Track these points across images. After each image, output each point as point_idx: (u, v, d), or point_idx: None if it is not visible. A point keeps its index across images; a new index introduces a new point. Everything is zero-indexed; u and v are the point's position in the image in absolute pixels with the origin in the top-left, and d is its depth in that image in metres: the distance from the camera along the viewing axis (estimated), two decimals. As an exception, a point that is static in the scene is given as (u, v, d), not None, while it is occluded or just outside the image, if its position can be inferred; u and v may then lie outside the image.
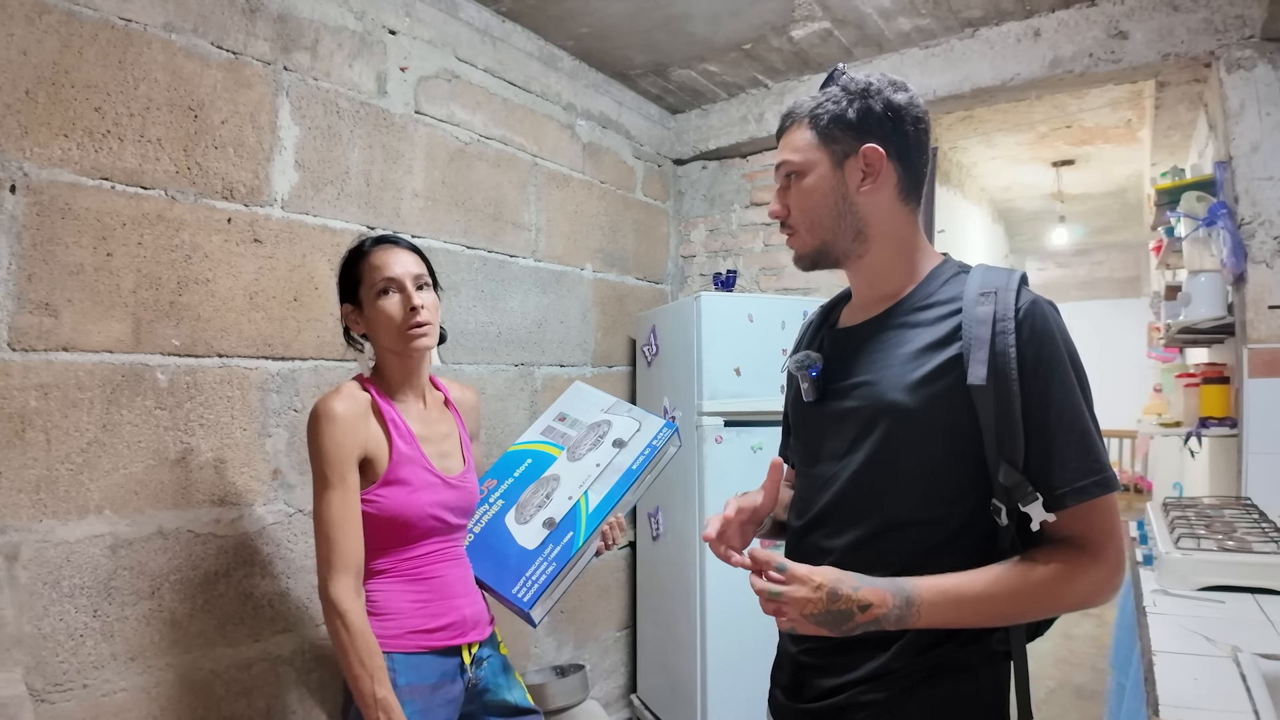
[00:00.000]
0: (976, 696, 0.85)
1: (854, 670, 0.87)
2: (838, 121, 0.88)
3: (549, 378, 2.43)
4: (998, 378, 0.78)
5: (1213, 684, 0.93)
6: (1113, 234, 6.04)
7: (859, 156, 0.88)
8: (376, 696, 1.12)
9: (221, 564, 1.55)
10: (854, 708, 0.86)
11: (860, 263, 0.93)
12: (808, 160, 0.90)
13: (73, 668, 1.33)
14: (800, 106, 0.92)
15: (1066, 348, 0.81)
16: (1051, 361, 0.80)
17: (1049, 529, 0.80)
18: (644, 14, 2.21)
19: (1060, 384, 0.80)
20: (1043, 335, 0.80)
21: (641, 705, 2.64)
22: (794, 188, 0.92)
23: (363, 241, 1.32)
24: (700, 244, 3.04)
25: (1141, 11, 2.04)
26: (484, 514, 1.46)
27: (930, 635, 0.83)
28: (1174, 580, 1.31)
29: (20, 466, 1.29)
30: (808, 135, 0.90)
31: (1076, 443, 0.79)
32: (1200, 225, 2.02)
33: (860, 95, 0.88)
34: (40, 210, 1.33)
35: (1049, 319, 0.81)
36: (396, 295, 1.26)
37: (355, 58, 1.84)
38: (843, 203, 0.90)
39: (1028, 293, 0.84)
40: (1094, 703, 2.80)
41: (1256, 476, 1.83)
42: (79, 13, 1.37)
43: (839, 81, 0.91)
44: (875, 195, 0.89)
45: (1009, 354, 0.79)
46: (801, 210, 0.92)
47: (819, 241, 0.92)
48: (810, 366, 0.94)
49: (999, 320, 0.80)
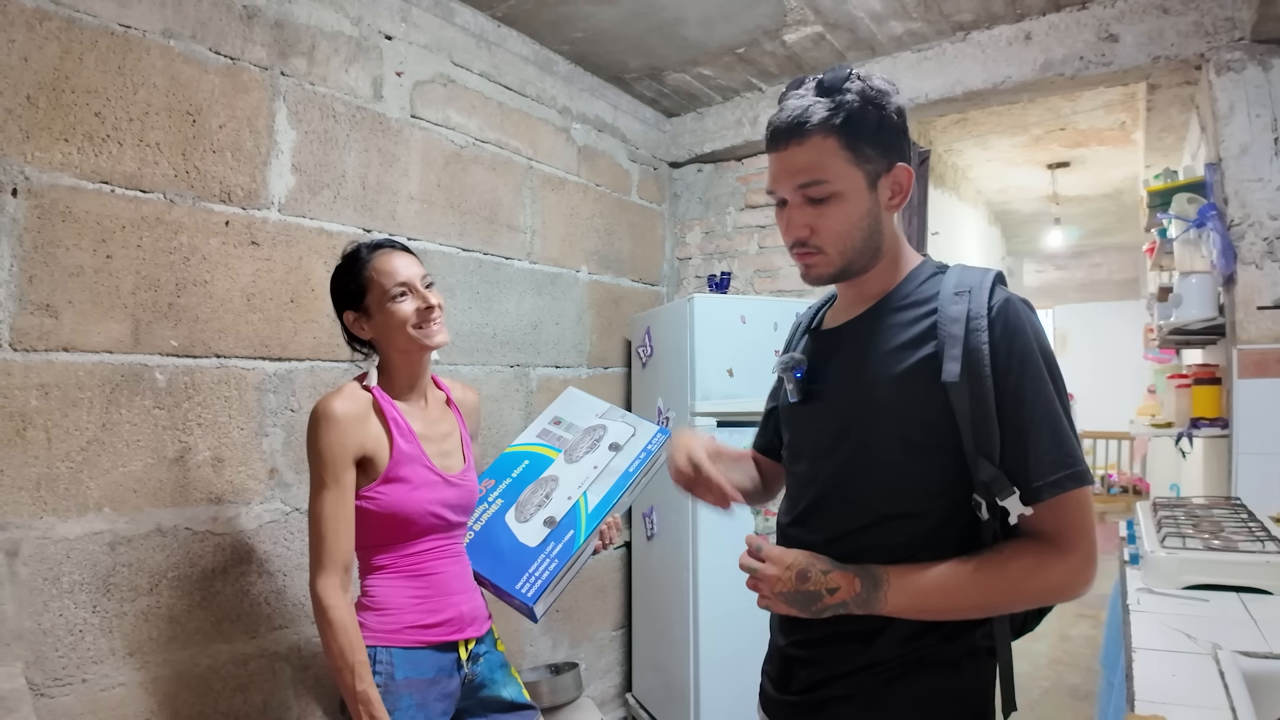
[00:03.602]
0: (958, 691, 0.86)
1: (839, 664, 0.88)
2: (867, 136, 0.84)
3: (544, 379, 2.44)
4: (971, 374, 0.80)
5: (1191, 680, 0.94)
6: (1109, 236, 6.05)
7: (891, 176, 0.86)
8: (357, 690, 1.14)
9: (219, 561, 1.57)
10: (838, 700, 0.88)
11: (864, 275, 0.92)
12: (844, 184, 0.84)
13: (72, 663, 1.35)
14: (811, 112, 0.83)
15: (1039, 343, 0.82)
16: (1024, 357, 0.81)
17: (1025, 523, 0.81)
18: (638, 18, 2.23)
19: (1033, 379, 0.81)
20: (1015, 332, 0.81)
21: (636, 704, 2.65)
22: (824, 212, 0.85)
23: (359, 249, 1.33)
24: (695, 246, 3.06)
25: (1132, 14, 2.05)
26: (483, 513, 1.49)
27: (912, 628, 0.84)
28: (1159, 579, 1.32)
29: (21, 464, 1.31)
30: (834, 147, 0.83)
31: (1049, 436, 0.80)
32: (1190, 227, 2.04)
33: (879, 105, 0.84)
34: (41, 213, 1.35)
35: (1021, 316, 0.82)
36: (410, 297, 1.29)
37: (351, 63, 1.87)
38: (875, 224, 0.87)
39: (1001, 291, 0.85)
40: (1088, 703, 2.80)
41: (1246, 477, 1.84)
42: (79, 19, 1.39)
43: (852, 87, 0.84)
44: (892, 213, 0.89)
45: (982, 350, 0.80)
46: (834, 233, 0.86)
47: (846, 263, 0.88)
48: (795, 368, 0.95)
49: (972, 318, 0.81)
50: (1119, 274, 7.54)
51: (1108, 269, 7.48)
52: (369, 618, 1.24)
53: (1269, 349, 1.83)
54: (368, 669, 1.17)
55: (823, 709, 0.90)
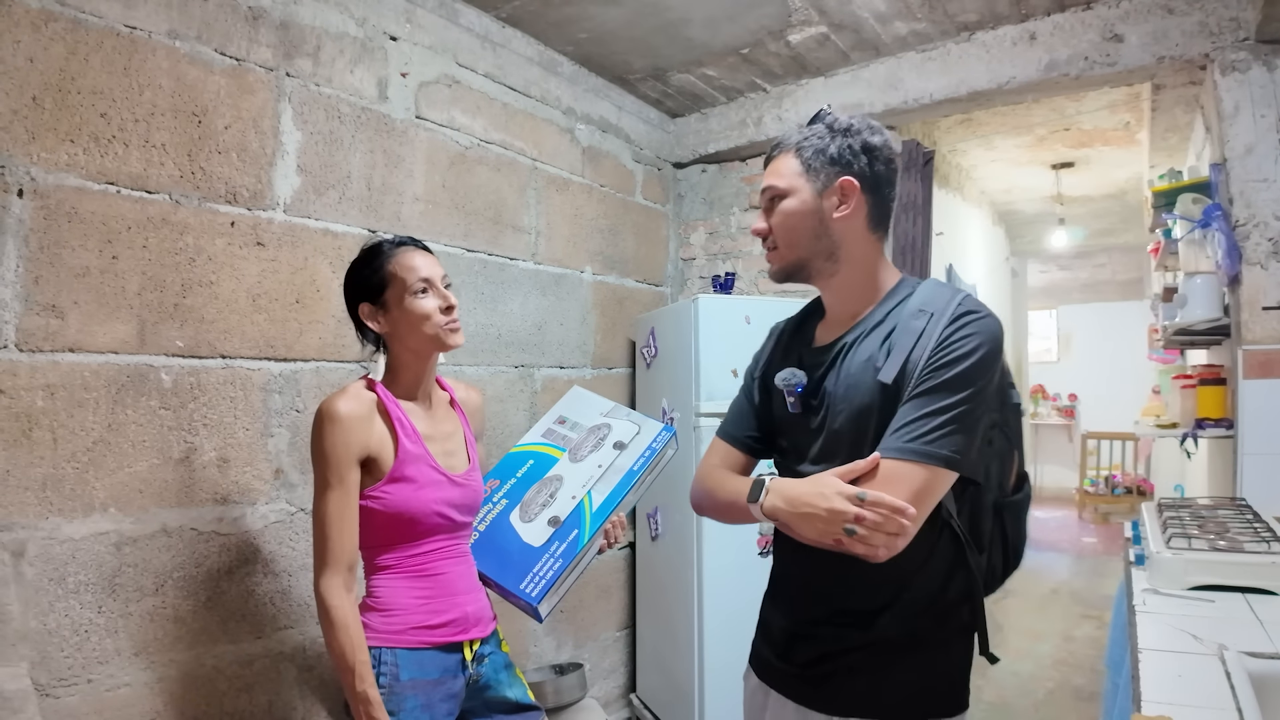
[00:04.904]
0: (947, 667, 0.99)
1: (841, 641, 0.99)
2: (820, 155, 1.01)
3: (549, 379, 2.45)
4: (904, 376, 0.92)
5: (1197, 681, 0.94)
6: (1114, 236, 6.04)
7: (837, 187, 1.01)
8: (357, 691, 1.15)
9: (224, 562, 1.57)
10: (840, 675, 0.99)
11: (832, 281, 1.06)
12: (791, 185, 1.02)
13: (77, 663, 1.35)
14: (788, 139, 1.04)
15: (974, 363, 0.91)
16: (947, 365, 0.91)
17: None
18: (642, 19, 2.23)
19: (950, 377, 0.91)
20: (953, 351, 0.92)
21: (641, 704, 2.65)
22: (777, 209, 1.04)
23: (381, 243, 1.33)
24: (700, 247, 3.06)
25: (1136, 15, 2.05)
26: (488, 513, 1.49)
27: (911, 609, 0.96)
28: (1165, 580, 1.32)
29: (27, 465, 1.31)
30: (793, 163, 1.02)
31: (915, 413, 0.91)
32: (1195, 227, 2.03)
33: (842, 134, 1.01)
34: (47, 214, 1.35)
35: (971, 339, 0.92)
36: (432, 294, 1.29)
37: (356, 63, 1.87)
38: (819, 225, 1.02)
39: (964, 319, 0.93)
40: (1092, 704, 2.80)
41: (1251, 477, 1.84)
42: (85, 20, 1.40)
43: (824, 120, 1.03)
44: (848, 222, 1.01)
45: (918, 362, 0.92)
46: (783, 229, 1.04)
47: (795, 257, 1.04)
48: (796, 384, 1.05)
49: (924, 334, 0.93)
50: (1123, 274, 7.53)
51: (1112, 269, 7.47)
52: (374, 618, 1.24)
53: (1274, 349, 1.82)
54: (369, 669, 1.17)
55: (826, 681, 1.00)
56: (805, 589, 1.05)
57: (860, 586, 0.97)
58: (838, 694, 0.98)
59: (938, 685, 0.98)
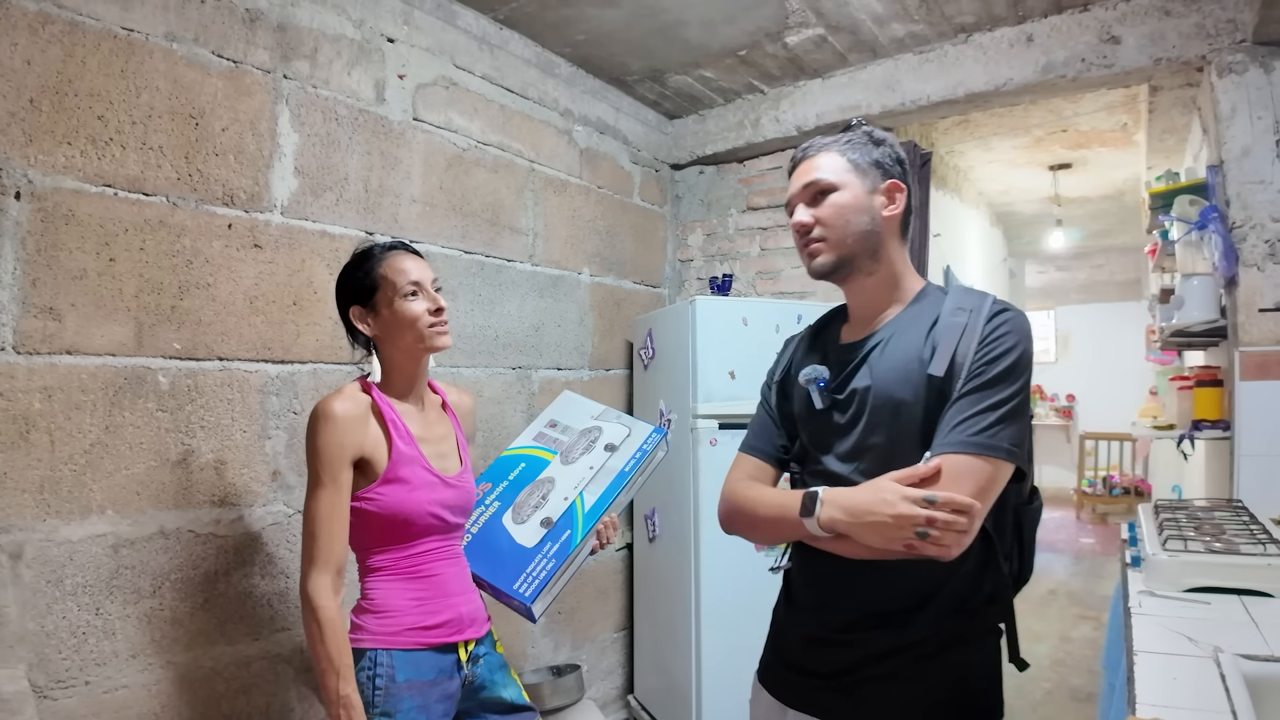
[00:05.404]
0: (980, 664, 0.99)
1: (875, 645, 0.97)
2: (866, 156, 1.04)
3: (546, 381, 2.45)
4: (953, 370, 0.93)
5: (1192, 683, 0.94)
6: (1112, 237, 6.05)
7: (884, 188, 1.04)
8: (340, 693, 1.14)
9: (222, 563, 1.57)
10: (875, 680, 0.97)
11: (867, 281, 1.05)
12: (841, 180, 1.03)
13: (75, 665, 1.35)
14: (824, 140, 1.06)
15: (1019, 357, 0.93)
16: (997, 359, 0.93)
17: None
18: (640, 21, 2.24)
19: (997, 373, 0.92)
20: (999, 346, 0.93)
21: (638, 706, 2.65)
22: (826, 203, 1.03)
23: (372, 247, 1.34)
24: (697, 248, 3.06)
25: (1133, 16, 2.05)
26: (481, 515, 1.50)
27: (944, 607, 0.95)
28: (1160, 581, 1.32)
29: (24, 467, 1.31)
30: (840, 161, 1.03)
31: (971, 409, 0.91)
32: (1192, 229, 2.04)
33: (880, 143, 1.05)
34: (44, 216, 1.35)
35: (1012, 334, 0.94)
36: (421, 297, 1.30)
37: (354, 65, 1.87)
38: (870, 221, 1.03)
39: (1001, 315, 0.96)
40: (1090, 705, 2.80)
41: (1247, 479, 1.84)
42: (82, 23, 1.40)
43: (861, 129, 1.06)
44: (892, 222, 1.04)
45: (967, 355, 0.93)
46: (838, 220, 1.02)
47: (845, 252, 1.03)
48: (819, 379, 1.05)
49: (967, 329, 0.95)
50: (1121, 275, 7.53)
51: (1109, 270, 7.48)
52: (369, 620, 1.25)
53: (1270, 351, 1.82)
54: (352, 672, 1.17)
55: (858, 689, 0.97)
56: (832, 594, 1.02)
57: (893, 588, 0.96)
58: (868, 701, 0.96)
59: (972, 688, 0.97)
